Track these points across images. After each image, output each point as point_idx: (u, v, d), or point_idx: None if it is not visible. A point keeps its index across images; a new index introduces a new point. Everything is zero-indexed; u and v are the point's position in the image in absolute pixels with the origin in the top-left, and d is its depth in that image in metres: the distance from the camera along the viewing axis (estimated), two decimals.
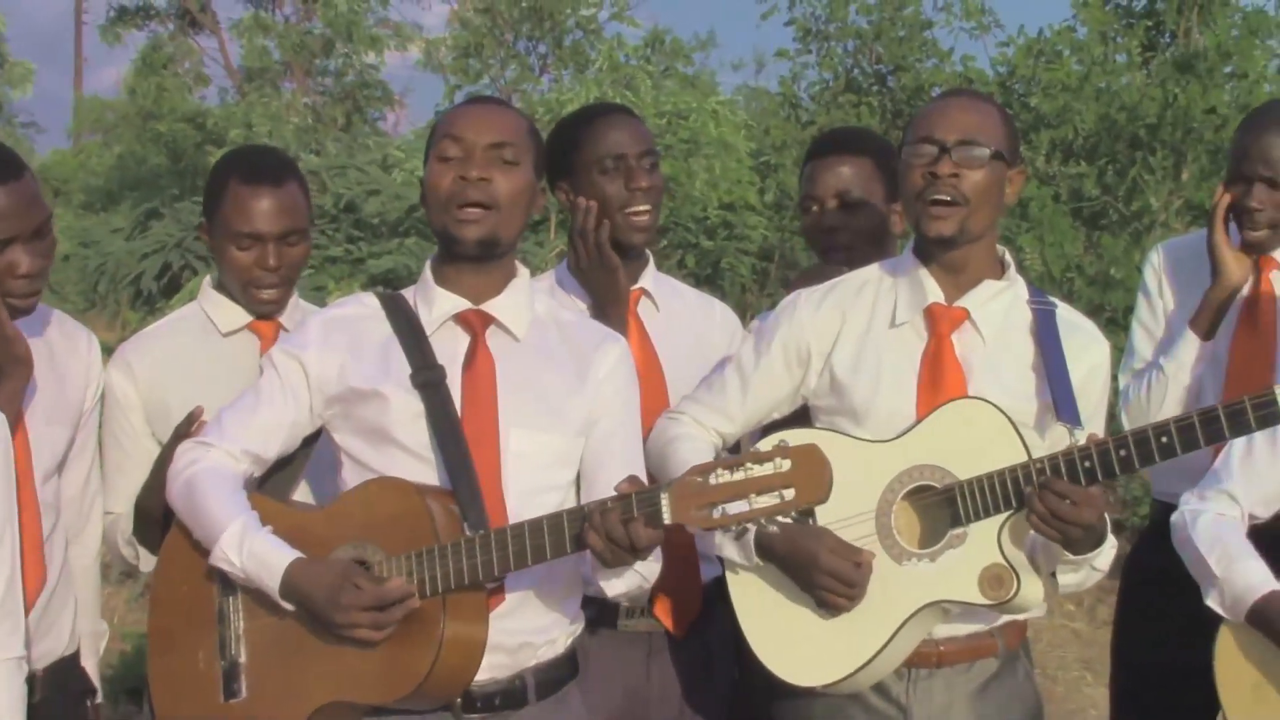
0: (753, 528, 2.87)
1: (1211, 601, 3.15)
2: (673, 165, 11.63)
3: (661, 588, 3.33)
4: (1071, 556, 2.97)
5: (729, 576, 3.13)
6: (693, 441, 3.21)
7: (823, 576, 2.97)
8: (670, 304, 3.60)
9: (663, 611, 3.40)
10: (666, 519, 2.72)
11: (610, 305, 3.42)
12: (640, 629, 3.41)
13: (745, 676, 3.52)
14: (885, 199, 3.67)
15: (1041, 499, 2.85)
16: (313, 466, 3.21)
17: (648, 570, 2.94)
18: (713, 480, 2.67)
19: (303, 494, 3.25)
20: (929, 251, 3.14)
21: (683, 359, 3.50)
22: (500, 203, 2.95)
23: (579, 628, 3.10)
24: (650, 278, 3.58)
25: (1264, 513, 3.26)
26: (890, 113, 13.32)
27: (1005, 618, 3.10)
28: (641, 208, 3.47)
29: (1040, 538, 2.97)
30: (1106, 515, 2.95)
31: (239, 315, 3.45)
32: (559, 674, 3.04)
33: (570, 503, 2.99)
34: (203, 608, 2.98)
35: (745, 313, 12.02)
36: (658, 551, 2.90)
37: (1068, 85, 11.98)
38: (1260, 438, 3.19)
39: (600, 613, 3.26)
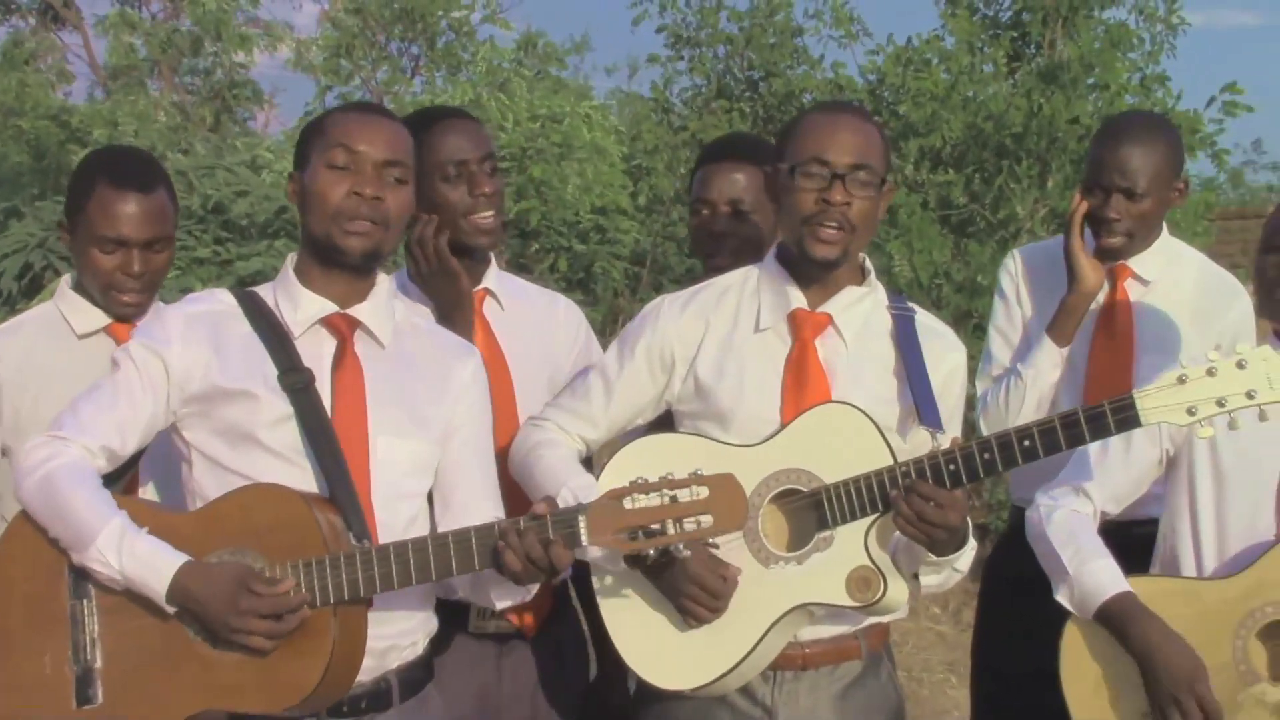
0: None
1: (1061, 597, 3.20)
2: (545, 169, 11.60)
3: None
4: (934, 558, 3.01)
5: (595, 581, 3.13)
6: (556, 448, 3.21)
7: (689, 587, 2.98)
8: (515, 302, 3.59)
9: (514, 611, 3.38)
10: (584, 541, 2.75)
11: (455, 311, 3.41)
12: (490, 630, 3.41)
13: (604, 676, 3.53)
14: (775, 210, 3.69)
15: (908, 501, 2.89)
16: (147, 464, 3.15)
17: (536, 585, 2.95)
18: (630, 504, 2.71)
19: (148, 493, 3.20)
20: (802, 265, 3.15)
21: (528, 356, 3.50)
22: (389, 221, 2.95)
23: (434, 628, 3.09)
24: (494, 277, 3.57)
25: (1115, 510, 3.33)
26: (761, 119, 13.39)
27: (870, 620, 3.13)
28: (486, 213, 3.46)
29: (903, 540, 3.00)
30: (968, 518, 2.99)
31: (96, 317, 3.39)
32: (420, 675, 3.04)
33: (425, 513, 3.00)
34: (48, 609, 2.89)
35: (618, 317, 12.05)
36: None
37: (935, 94, 12.13)
38: (1115, 437, 3.25)
39: (451, 614, 3.24)
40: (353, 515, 2.82)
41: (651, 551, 2.78)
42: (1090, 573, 3.16)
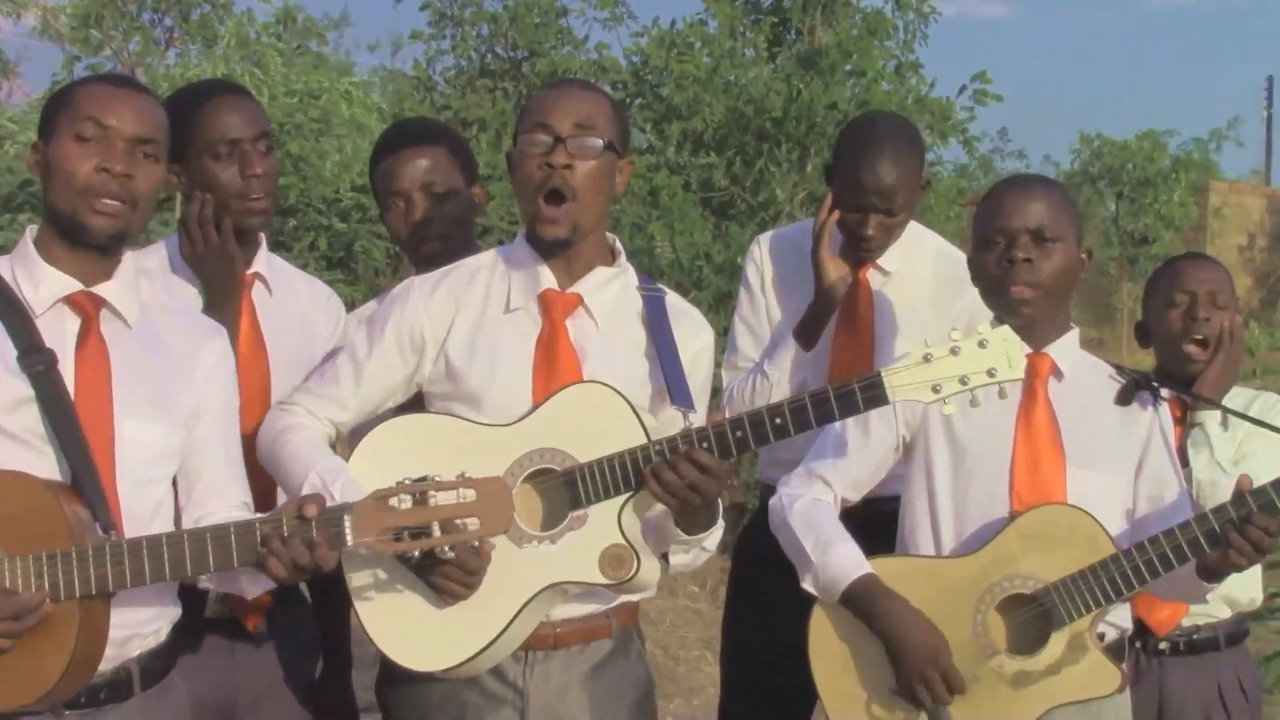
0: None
1: (807, 584, 3.24)
2: (303, 145, 11.43)
3: None
4: (685, 536, 3.02)
5: (344, 561, 3.06)
6: (305, 431, 3.15)
7: (441, 564, 2.94)
8: (281, 288, 3.52)
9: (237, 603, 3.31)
10: (349, 541, 2.71)
11: (225, 295, 3.33)
12: (226, 614, 3.32)
13: (328, 672, 3.48)
14: (467, 183, 3.69)
15: (676, 468, 2.89)
16: None
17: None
18: (396, 504, 2.68)
19: None
20: (543, 245, 3.14)
21: (289, 345, 3.42)
22: (139, 200, 2.84)
23: (177, 613, 3.00)
24: (264, 261, 3.49)
25: (855, 496, 3.38)
26: (525, 98, 13.39)
27: (620, 599, 3.13)
28: (257, 195, 3.38)
29: (654, 520, 3.03)
30: (719, 499, 3.01)
31: None
32: (162, 662, 2.94)
33: (170, 498, 2.92)
34: None
35: (379, 297, 11.90)
36: None
37: (697, 78, 12.24)
38: (852, 424, 3.31)
39: (186, 600, 3.15)
40: (98, 504, 2.72)
41: (416, 553, 2.74)
42: (833, 558, 3.20)
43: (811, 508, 3.29)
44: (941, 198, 12.89)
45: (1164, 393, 3.37)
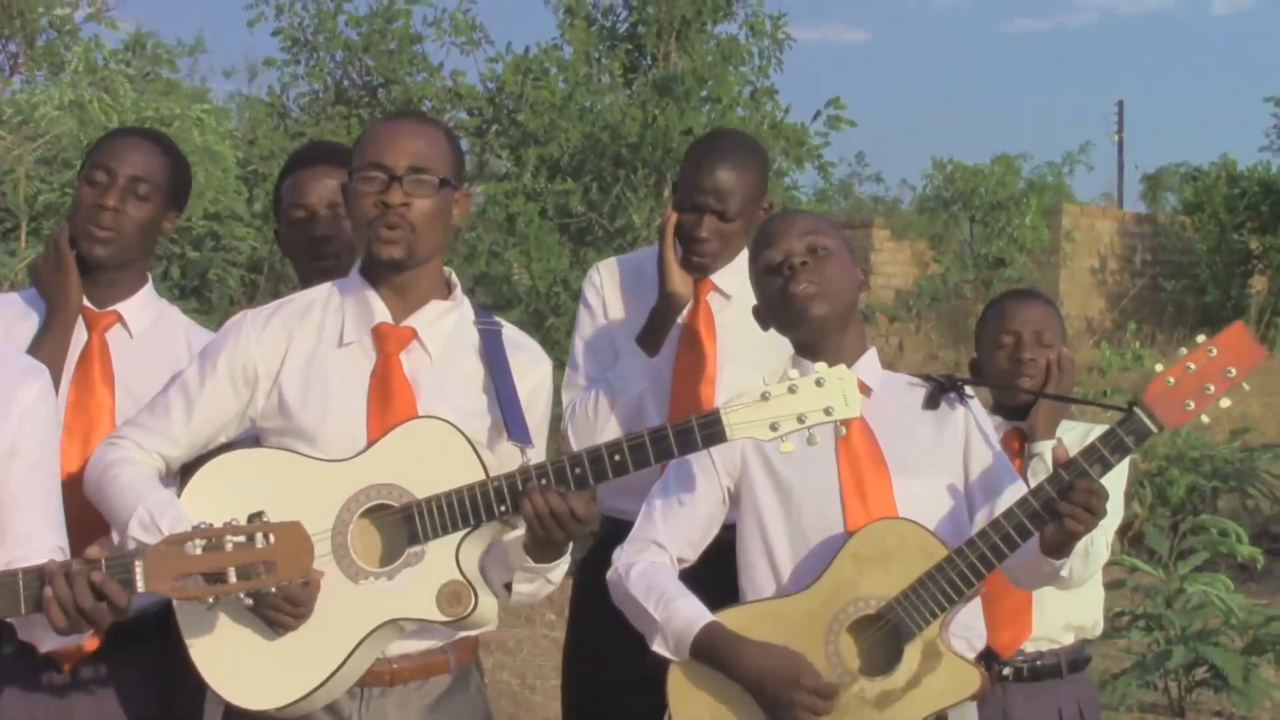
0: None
1: (658, 647, 3.19)
2: None
3: None
4: (533, 565, 3.00)
5: (174, 599, 3.00)
6: (134, 465, 3.08)
7: (268, 595, 2.89)
8: (148, 333, 3.45)
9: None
10: (141, 587, 2.65)
11: (58, 310, 3.30)
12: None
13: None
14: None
15: (545, 497, 2.88)
16: None
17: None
18: (189, 550, 2.63)
19: None
20: (377, 273, 3.14)
21: (145, 389, 3.31)
22: None
23: None
24: (136, 304, 3.45)
25: (692, 555, 3.34)
26: None
27: (460, 634, 3.10)
28: (105, 226, 3.34)
29: (497, 551, 3.02)
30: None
31: None
32: None
33: None
34: None
35: None
36: None
37: (553, 103, 12.26)
38: (674, 485, 3.32)
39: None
40: None
41: (211, 599, 2.69)
42: (676, 614, 3.17)
43: (649, 571, 3.26)
44: None
45: (968, 390, 3.40)
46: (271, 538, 2.64)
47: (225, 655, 2.97)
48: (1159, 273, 22.99)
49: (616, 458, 2.93)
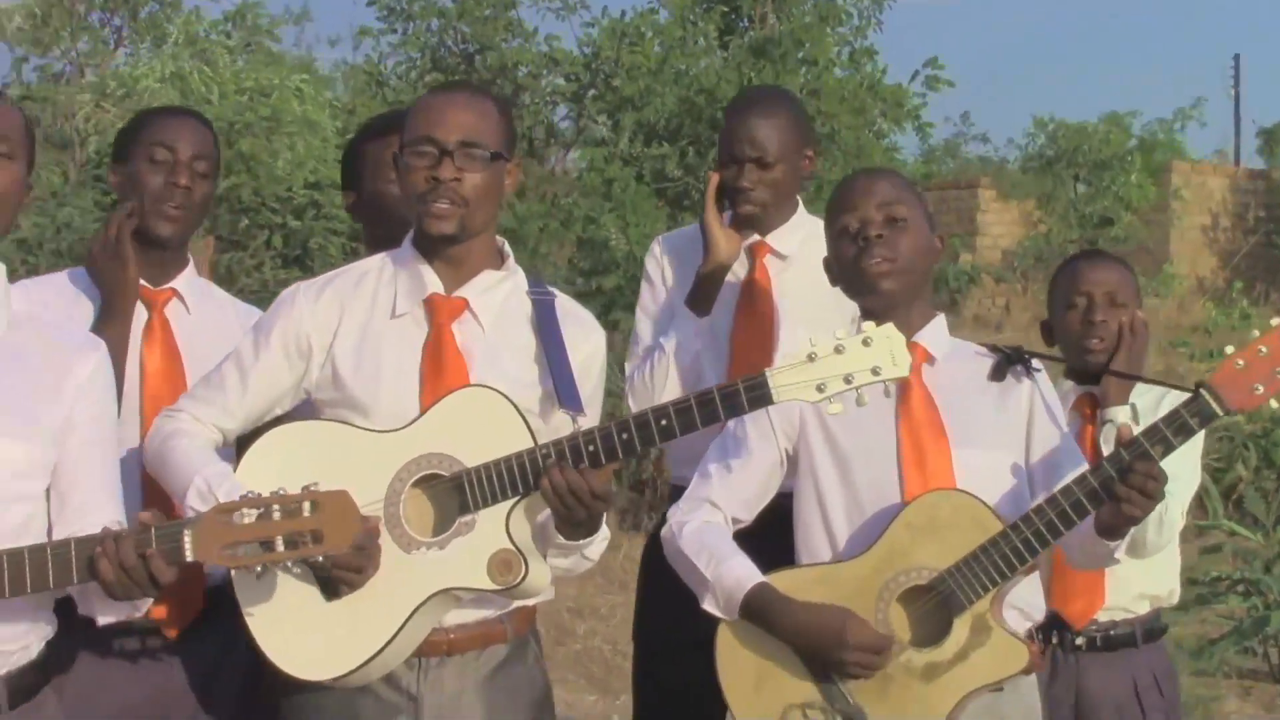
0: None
1: (708, 606, 3.20)
2: (253, 143, 11.39)
3: None
4: (564, 542, 3.01)
5: (232, 572, 3.04)
6: (191, 438, 3.11)
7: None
8: (202, 308, 3.52)
9: (160, 612, 3.27)
10: (188, 556, 2.67)
11: (115, 299, 3.34)
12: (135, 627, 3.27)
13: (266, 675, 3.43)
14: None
15: (564, 473, 2.88)
16: None
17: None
18: (238, 520, 2.65)
19: None
20: (429, 245, 3.14)
21: (207, 363, 3.36)
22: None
23: (52, 632, 2.94)
24: (185, 280, 3.51)
25: (747, 517, 3.34)
26: None
27: (515, 603, 3.10)
28: (175, 203, 3.41)
29: (541, 524, 3.00)
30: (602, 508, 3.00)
31: None
32: (34, 679, 2.88)
33: (41, 515, 2.86)
34: None
35: None
36: None
37: (649, 68, 12.25)
38: (733, 445, 3.31)
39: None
40: None
41: (259, 568, 2.70)
42: (727, 573, 3.17)
43: (702, 530, 3.26)
44: None
45: (1035, 363, 3.35)
46: (318, 507, 2.65)
47: (281, 627, 2.99)
48: (1272, 230, 22.48)
49: (663, 422, 2.91)
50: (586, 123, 13.13)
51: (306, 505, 2.65)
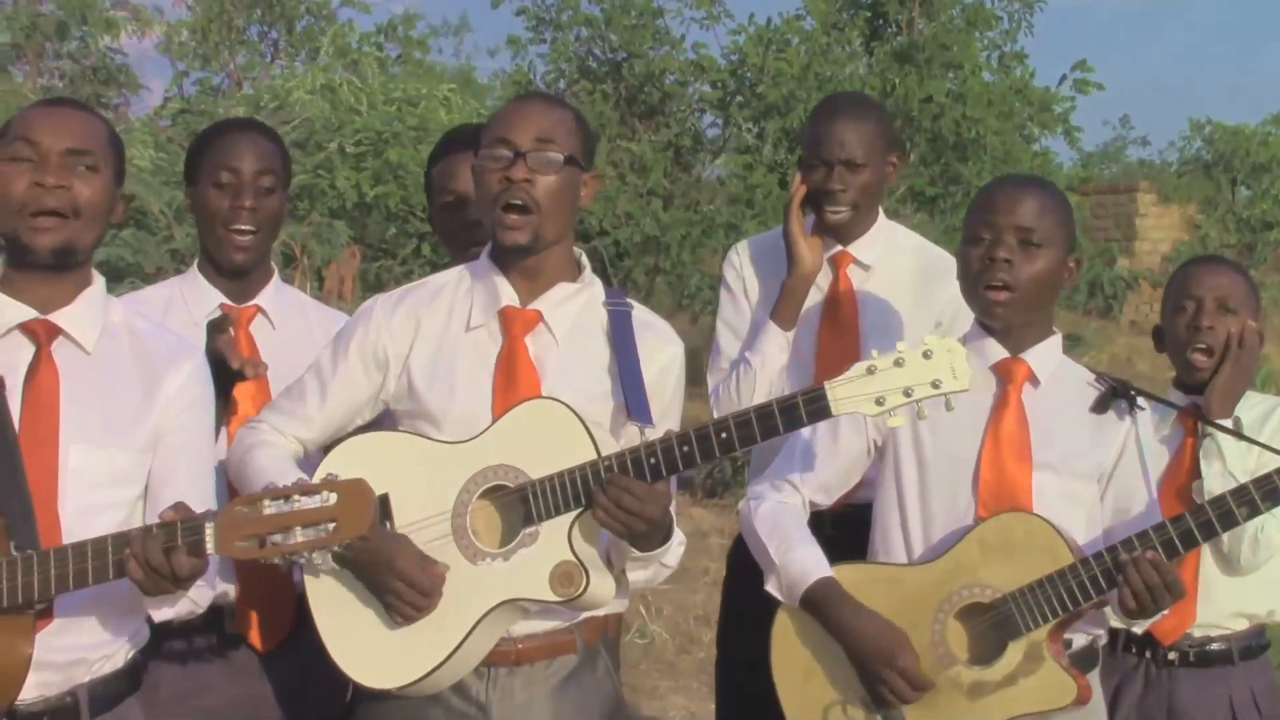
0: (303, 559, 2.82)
1: (771, 587, 3.24)
2: (401, 153, 11.57)
3: (249, 600, 3.31)
4: (638, 553, 3.01)
5: (306, 578, 3.11)
6: (270, 449, 3.18)
7: (395, 583, 2.96)
8: (288, 322, 3.60)
9: (250, 626, 3.35)
10: (211, 549, 2.70)
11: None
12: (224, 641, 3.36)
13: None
14: None
15: (607, 493, 2.89)
16: None
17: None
18: (259, 511, 2.67)
19: None
20: (505, 257, 3.17)
21: (293, 376, 3.40)
22: (80, 211, 2.87)
23: (143, 641, 3.02)
24: (269, 295, 3.59)
25: (825, 500, 3.37)
26: (624, 100, 13.42)
27: (585, 614, 3.13)
28: (245, 225, 3.49)
29: (613, 535, 3.01)
30: (672, 512, 3.00)
31: None
32: (116, 689, 2.94)
33: (135, 521, 2.92)
34: None
35: None
36: None
37: (792, 74, 12.21)
38: (822, 429, 3.30)
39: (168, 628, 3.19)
40: (20, 524, 2.75)
41: (278, 560, 2.74)
42: (795, 561, 3.20)
43: (778, 511, 3.29)
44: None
45: (1141, 401, 3.30)
46: (334, 496, 2.65)
47: (351, 635, 3.05)
48: None
49: (724, 435, 2.91)
50: (732, 130, 13.12)
51: (322, 494, 2.66)
